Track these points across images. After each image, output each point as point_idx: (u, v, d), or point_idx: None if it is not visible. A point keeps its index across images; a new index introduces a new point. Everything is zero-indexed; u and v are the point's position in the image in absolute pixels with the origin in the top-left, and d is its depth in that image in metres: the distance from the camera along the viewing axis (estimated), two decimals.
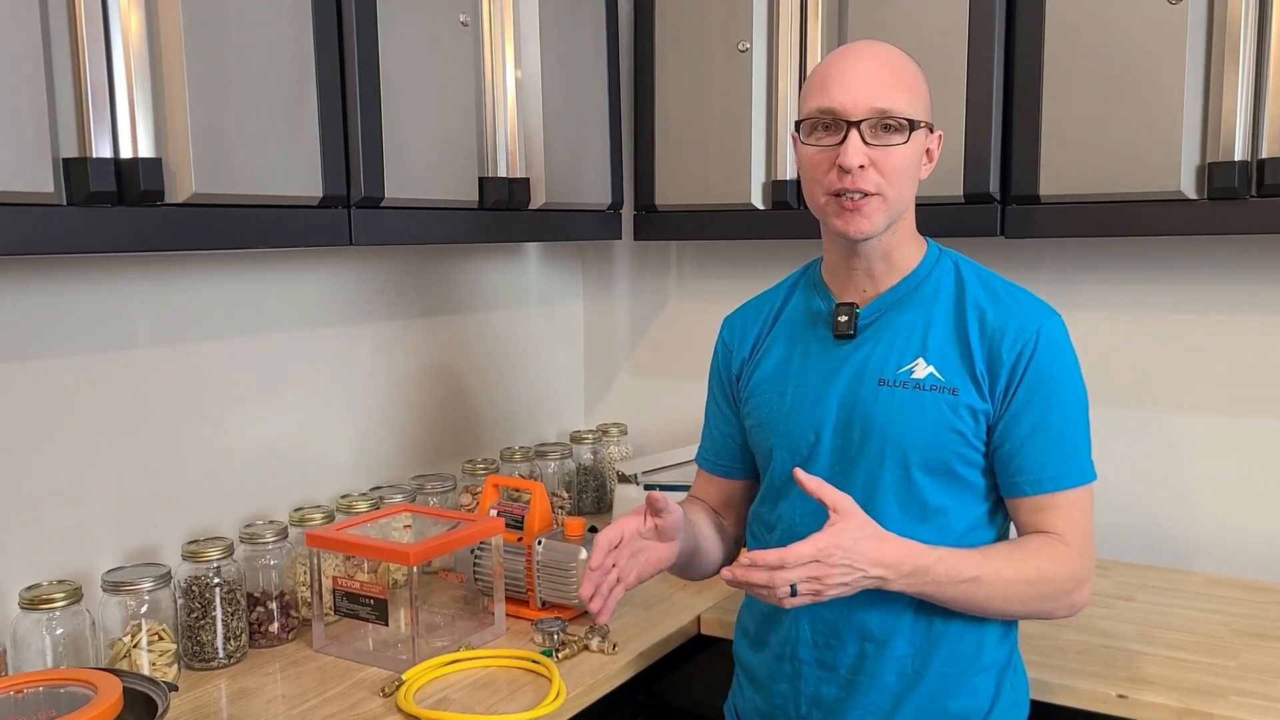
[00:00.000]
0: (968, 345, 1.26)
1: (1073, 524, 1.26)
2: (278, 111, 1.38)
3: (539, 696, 1.42)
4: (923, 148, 1.28)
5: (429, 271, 2.11)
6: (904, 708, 1.29)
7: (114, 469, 1.58)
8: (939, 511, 1.27)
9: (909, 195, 1.28)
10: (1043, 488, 1.25)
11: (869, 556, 1.20)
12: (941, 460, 1.26)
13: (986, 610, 1.26)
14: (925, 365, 1.26)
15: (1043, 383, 1.24)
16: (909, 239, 1.32)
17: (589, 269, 2.53)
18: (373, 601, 1.54)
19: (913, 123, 1.23)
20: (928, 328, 1.28)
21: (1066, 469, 1.26)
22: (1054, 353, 1.25)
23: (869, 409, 1.27)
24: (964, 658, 1.29)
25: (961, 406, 1.25)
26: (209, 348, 1.71)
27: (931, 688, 1.29)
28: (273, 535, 1.62)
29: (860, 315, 1.31)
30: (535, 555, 1.68)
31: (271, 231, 1.41)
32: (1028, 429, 1.24)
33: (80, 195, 1.17)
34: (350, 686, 1.47)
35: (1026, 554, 1.25)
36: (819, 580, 1.19)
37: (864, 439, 1.28)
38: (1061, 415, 1.25)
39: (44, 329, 1.49)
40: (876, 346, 1.29)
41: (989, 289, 1.30)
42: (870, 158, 1.22)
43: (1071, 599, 1.27)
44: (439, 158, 1.65)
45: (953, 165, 1.74)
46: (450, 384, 2.18)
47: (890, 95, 1.23)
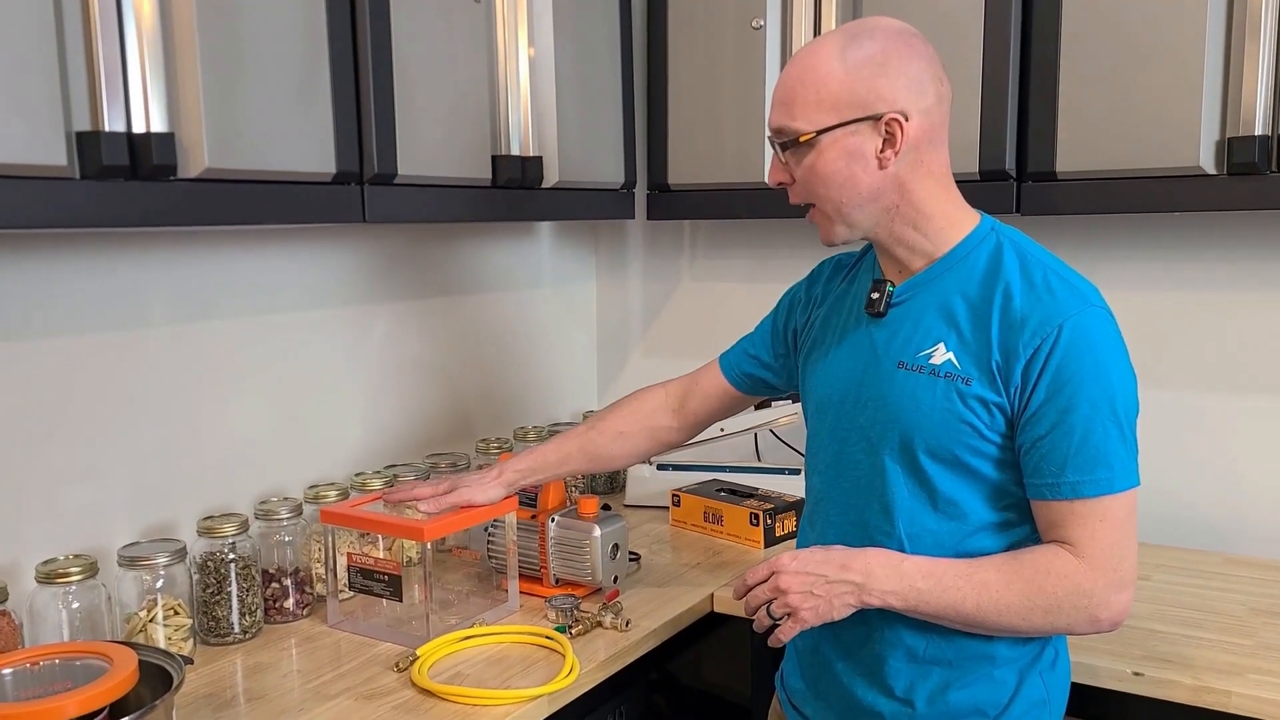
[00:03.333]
0: (987, 333, 1.19)
1: (1092, 535, 1.16)
2: (290, 87, 1.38)
3: (552, 672, 1.42)
4: (851, 147, 1.19)
5: (442, 251, 2.11)
6: (916, 693, 1.27)
7: (129, 446, 1.58)
8: (951, 503, 1.23)
9: (850, 197, 1.21)
10: (1061, 493, 1.17)
11: (834, 563, 1.22)
12: (948, 449, 1.21)
13: (984, 624, 1.20)
14: (945, 351, 1.22)
15: (1066, 381, 1.15)
16: (921, 224, 1.24)
17: (602, 249, 2.53)
18: (387, 577, 1.54)
19: (801, 137, 1.20)
20: (953, 312, 1.22)
21: (1091, 475, 1.15)
22: (1080, 348, 1.15)
23: (884, 390, 1.25)
24: (978, 651, 1.25)
25: (971, 397, 1.19)
26: (224, 325, 1.71)
27: (943, 678, 1.26)
28: (287, 512, 1.62)
29: (893, 293, 1.28)
30: (549, 533, 1.69)
31: (284, 208, 1.40)
32: (1047, 429, 1.16)
33: (93, 169, 1.17)
34: (364, 662, 1.48)
35: (1021, 565, 1.18)
36: (785, 596, 1.21)
37: (874, 419, 1.26)
38: (1088, 416, 1.15)
39: (58, 305, 1.49)
40: (901, 328, 1.26)
41: (1025, 272, 1.20)
42: (790, 173, 1.25)
43: (1091, 614, 1.17)
44: (451, 135, 1.65)
45: (968, 142, 1.73)
46: (464, 364, 2.18)
47: (779, 113, 1.23)
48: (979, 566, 1.20)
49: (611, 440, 1.59)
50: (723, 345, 1.61)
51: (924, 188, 1.23)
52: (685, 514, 2.06)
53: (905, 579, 1.20)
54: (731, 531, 1.98)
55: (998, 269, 1.21)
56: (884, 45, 1.19)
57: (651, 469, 2.22)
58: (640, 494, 2.22)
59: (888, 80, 1.18)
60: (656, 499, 2.18)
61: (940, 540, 1.23)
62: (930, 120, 1.21)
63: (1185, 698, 1.39)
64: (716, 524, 2.00)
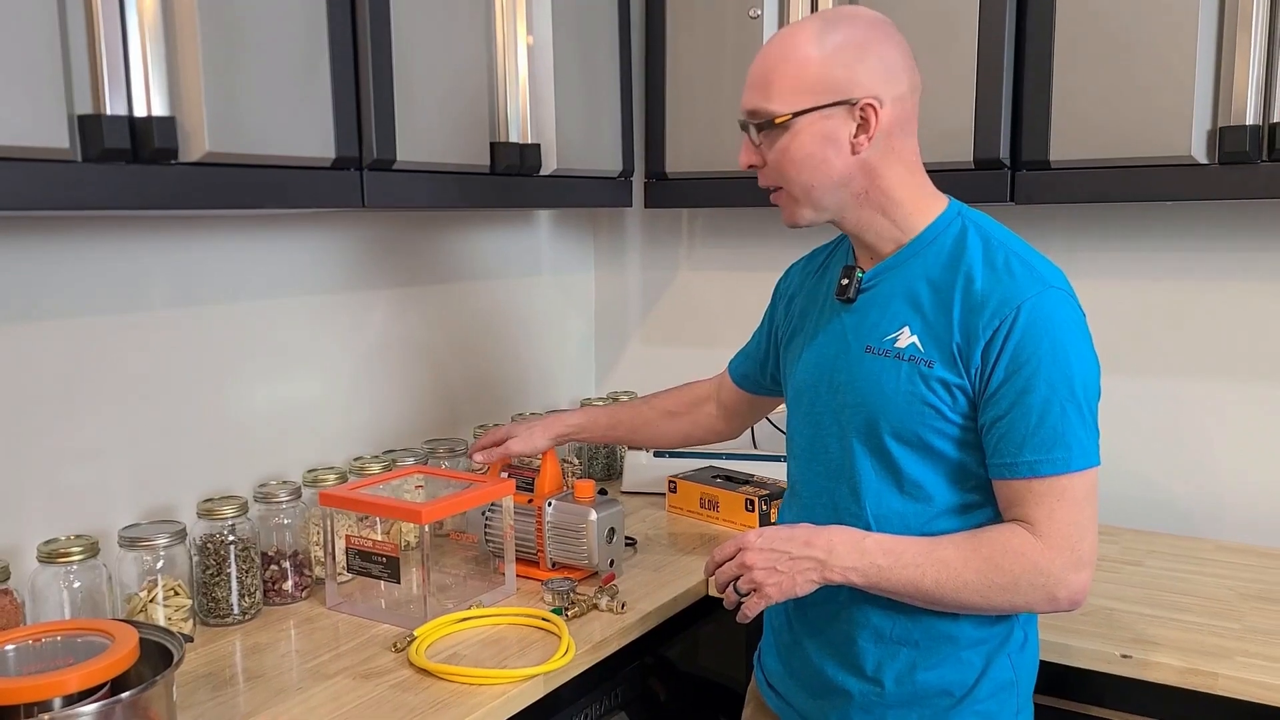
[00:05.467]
0: (949, 315, 1.21)
1: (1050, 514, 1.17)
2: (290, 72, 1.39)
3: (548, 653, 1.44)
4: (824, 131, 1.21)
5: (440, 238, 2.12)
6: (885, 673, 1.29)
7: (130, 428, 1.60)
8: (917, 485, 1.24)
9: (820, 180, 1.23)
10: (1019, 472, 1.18)
11: (798, 540, 1.24)
12: (913, 431, 1.23)
13: (944, 602, 1.21)
14: (909, 335, 1.24)
15: (1024, 362, 1.16)
16: (890, 210, 1.26)
17: (600, 237, 2.54)
18: (385, 559, 1.56)
19: (777, 119, 1.21)
20: (920, 296, 1.24)
21: (1048, 455, 1.16)
22: (1039, 330, 1.16)
23: (853, 374, 1.28)
24: (944, 633, 1.27)
25: (934, 379, 1.21)
26: (224, 310, 1.72)
27: (911, 658, 1.28)
28: (286, 495, 1.64)
29: (862, 279, 1.30)
30: (545, 517, 1.70)
31: (284, 192, 1.42)
32: (1005, 409, 1.17)
33: (95, 152, 1.18)
34: (363, 642, 1.50)
35: (980, 543, 1.20)
36: (750, 572, 1.24)
37: (843, 403, 1.29)
38: (1046, 397, 1.16)
39: (61, 289, 1.51)
40: (870, 313, 1.29)
41: (988, 255, 1.22)
42: (762, 155, 1.26)
43: (1049, 593, 1.18)
44: (450, 121, 1.66)
45: (963, 130, 1.74)
46: (462, 351, 2.19)
47: (757, 95, 1.23)
48: (939, 544, 1.22)
49: (660, 418, 1.68)
50: (720, 333, 1.64)
51: (894, 174, 1.25)
52: (681, 500, 2.08)
53: (866, 555, 1.22)
54: (727, 517, 1.99)
55: (961, 252, 1.23)
56: (861, 32, 1.22)
57: (649, 456, 2.23)
58: (637, 480, 2.23)
59: (864, 66, 1.20)
60: (653, 485, 2.20)
61: (906, 522, 1.25)
62: (902, 108, 1.23)
63: (1173, 679, 1.40)
64: (712, 510, 2.02)
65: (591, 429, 1.70)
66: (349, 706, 1.30)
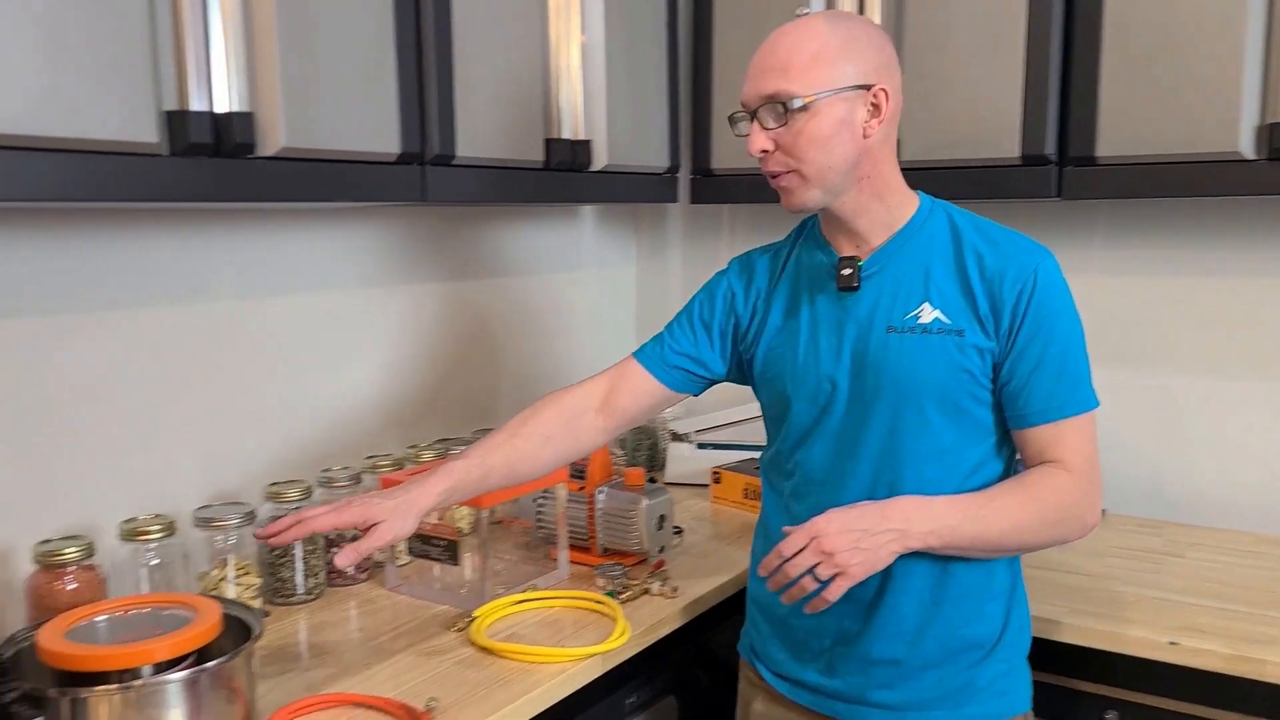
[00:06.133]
0: (970, 289, 1.31)
1: (1076, 450, 1.31)
2: (359, 70, 1.44)
3: (604, 634, 1.48)
4: (843, 113, 1.27)
5: (487, 233, 2.17)
6: (924, 636, 1.36)
7: (199, 415, 1.66)
8: (951, 450, 1.33)
9: (834, 162, 1.29)
10: (1049, 417, 1.30)
11: (871, 516, 1.26)
12: (953, 400, 1.31)
13: (1004, 548, 1.32)
14: (931, 310, 1.32)
15: (1044, 319, 1.29)
16: (885, 195, 1.34)
17: (642, 232, 2.58)
18: (444, 543, 1.61)
19: (802, 101, 1.25)
20: (928, 275, 1.33)
21: (1070, 398, 1.31)
22: (1051, 290, 1.30)
23: (881, 355, 1.33)
24: (976, 588, 1.36)
25: (968, 346, 1.30)
26: (286, 301, 1.78)
27: (948, 617, 1.35)
28: (347, 479, 1.69)
29: (862, 267, 1.36)
30: (596, 504, 1.75)
31: (352, 186, 1.47)
32: (1033, 363, 1.30)
33: (181, 146, 1.23)
34: (423, 622, 1.54)
35: (1028, 487, 1.30)
36: (830, 558, 1.24)
37: (878, 384, 1.33)
38: (1063, 348, 1.30)
39: (140, 280, 1.57)
40: (881, 296, 1.34)
41: (984, 234, 1.34)
42: (775, 141, 1.30)
43: (1083, 521, 1.32)
44: (507, 118, 1.70)
45: (1010, 126, 1.76)
46: (508, 343, 2.24)
47: (776, 79, 1.27)
48: (992, 495, 1.31)
49: (539, 447, 1.44)
50: None
51: (889, 162, 1.35)
52: (725, 490, 2.12)
53: (939, 517, 1.28)
54: None
55: (958, 234, 1.35)
56: (864, 26, 1.32)
57: (692, 448, 2.27)
58: (680, 472, 2.27)
59: (875, 55, 1.29)
60: (696, 477, 2.24)
61: (942, 487, 1.32)
62: (899, 99, 1.33)
63: (1220, 666, 1.43)
64: (756, 500, 2.05)
65: (462, 489, 1.38)
66: (416, 681, 1.35)
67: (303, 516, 1.27)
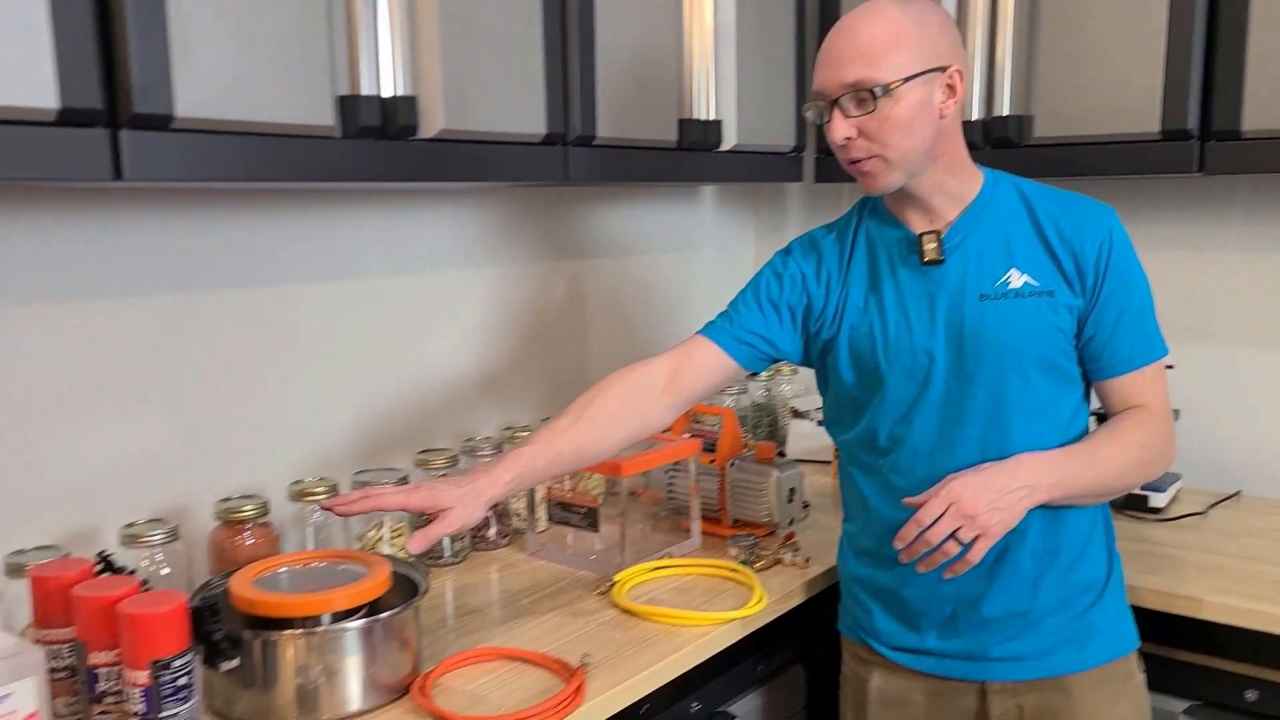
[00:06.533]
0: (1052, 251, 1.37)
1: (1157, 394, 1.40)
2: (509, 55, 1.50)
3: (739, 601, 1.52)
4: (923, 96, 1.31)
5: (610, 211, 2.22)
6: (1041, 585, 1.40)
7: (351, 385, 1.75)
8: (1051, 404, 1.38)
9: (917, 143, 1.32)
10: (1133, 365, 1.38)
11: (1001, 476, 1.30)
12: (1050, 358, 1.37)
13: (1113, 490, 1.40)
14: (1019, 275, 1.37)
15: (1122, 273, 1.37)
16: (957, 170, 1.39)
17: (761, 212, 2.61)
18: (584, 510, 1.67)
19: (885, 87, 1.28)
20: (1009, 242, 1.38)
21: (1149, 346, 1.39)
22: (1124, 245, 1.38)
23: (977, 323, 1.36)
24: (1083, 532, 1.42)
25: (1060, 306, 1.36)
26: (426, 279, 1.86)
27: (1062, 564, 1.40)
28: (489, 449, 1.77)
29: (944, 240, 1.39)
30: (728, 476, 1.79)
31: (502, 167, 1.53)
32: (1115, 316, 1.37)
33: (352, 129, 1.31)
34: (565, 586, 1.61)
35: (1126, 432, 1.38)
36: (972, 520, 1.26)
37: (978, 351, 1.37)
38: (1140, 300, 1.39)
39: (304, 257, 1.67)
40: (968, 266, 1.38)
41: (1053, 200, 1.40)
42: (857, 127, 1.32)
43: (1168, 459, 1.41)
44: (643, 100, 1.75)
45: (1149, 100, 1.73)
46: (630, 320, 2.30)
47: (857, 67, 1.29)
48: (1098, 443, 1.37)
49: (605, 429, 1.42)
50: None
51: (959, 139, 1.39)
52: None
53: (1060, 469, 1.33)
54: None
55: (1029, 202, 1.41)
56: (931, 7, 1.34)
57: (813, 425, 2.29)
58: (800, 449, 2.30)
59: (945, 36, 1.33)
60: (817, 454, 2.26)
61: (1046, 442, 1.37)
62: (966, 79, 1.36)
63: None
64: None
65: (530, 476, 1.37)
66: (566, 639, 1.41)
67: (371, 493, 1.29)
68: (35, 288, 1.39)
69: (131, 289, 1.48)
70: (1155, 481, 1.91)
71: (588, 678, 1.29)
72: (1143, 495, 1.88)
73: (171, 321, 1.52)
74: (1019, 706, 1.41)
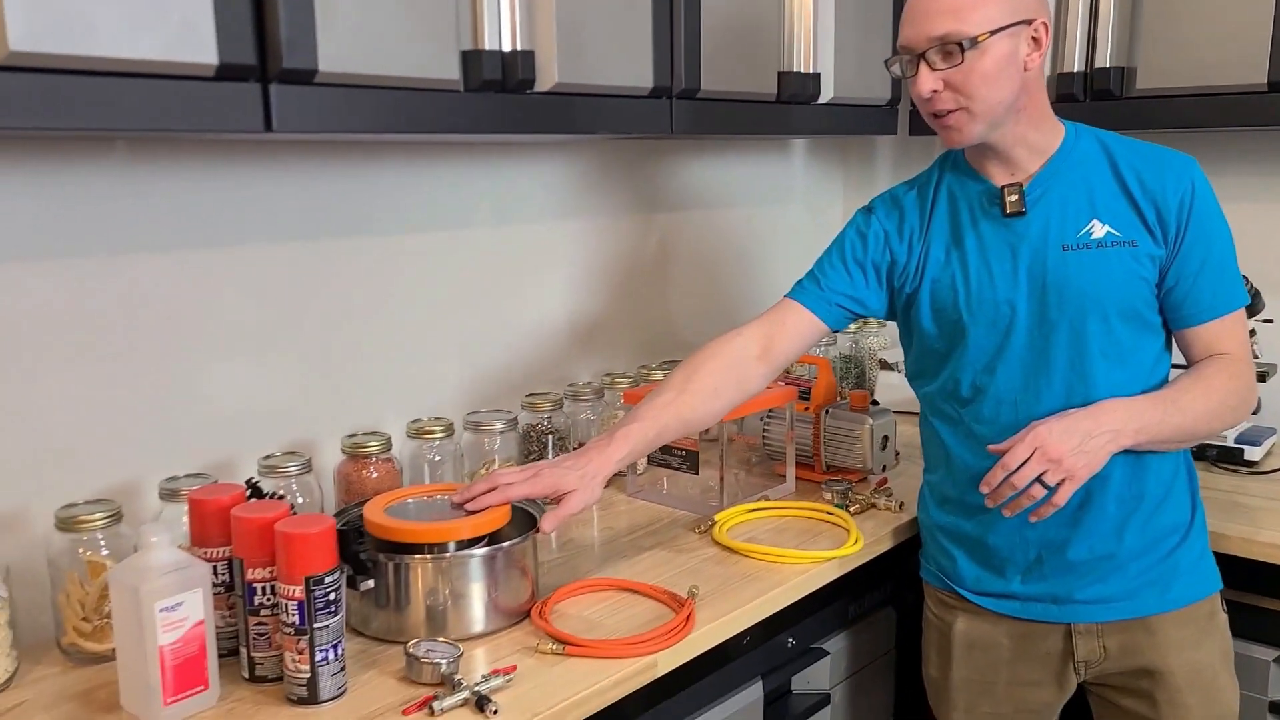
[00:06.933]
0: (1134, 202, 1.39)
1: (1238, 340, 1.42)
2: (619, 10, 1.54)
3: (836, 542, 1.58)
4: (1009, 49, 1.33)
5: (702, 165, 2.26)
6: (1127, 529, 1.43)
7: (460, 332, 1.83)
8: (1133, 352, 1.41)
9: (1003, 95, 1.35)
10: (1216, 313, 1.40)
11: (1086, 421, 1.33)
12: (1133, 307, 1.40)
13: (1197, 435, 1.41)
14: (1101, 225, 1.39)
15: (1204, 223, 1.38)
16: (1040, 123, 1.41)
17: (850, 165, 2.62)
18: (685, 453, 1.73)
19: (973, 40, 1.30)
20: (1091, 193, 1.40)
21: (1232, 294, 1.41)
22: (1206, 195, 1.39)
23: (1061, 273, 1.39)
24: (1167, 477, 1.45)
25: (1142, 255, 1.38)
26: (527, 229, 1.93)
27: (1147, 508, 1.44)
28: (590, 394, 1.84)
29: (1026, 192, 1.41)
30: (822, 424, 1.84)
31: (612, 119, 1.58)
32: (1198, 265, 1.38)
33: (475, 83, 1.37)
34: (665, 525, 1.68)
35: (1210, 378, 1.39)
36: (1058, 464, 1.30)
37: (1061, 301, 1.39)
38: (1222, 249, 1.40)
39: (415, 207, 1.74)
40: (1050, 217, 1.40)
41: (1135, 151, 1.42)
42: (944, 80, 1.34)
43: (1250, 404, 1.43)
44: (744, 53, 1.78)
45: (1258, 51, 1.72)
46: (718, 272, 2.34)
47: (945, 20, 1.31)
48: (1182, 389, 1.39)
49: (707, 400, 1.47)
50: None
51: (1042, 92, 1.42)
52: None
53: (1143, 414, 1.36)
54: None
55: (1111, 154, 1.42)
56: None
57: (900, 376, 2.32)
58: (888, 400, 2.32)
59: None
60: (904, 405, 2.28)
61: (1131, 388, 1.40)
62: (1050, 32, 1.38)
63: None
64: None
65: (639, 451, 1.43)
66: (673, 572, 1.48)
67: (498, 483, 1.34)
68: (187, 237, 1.48)
69: (272, 236, 1.57)
70: (1251, 435, 1.92)
71: (696, 608, 1.36)
72: (1238, 449, 1.88)
73: (302, 268, 1.61)
74: (1104, 647, 1.45)
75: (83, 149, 1.37)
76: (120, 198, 1.41)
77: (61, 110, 1.02)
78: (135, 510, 1.42)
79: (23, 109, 0.99)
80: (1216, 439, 1.90)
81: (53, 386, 1.37)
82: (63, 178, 1.36)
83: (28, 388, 1.35)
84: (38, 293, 1.35)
